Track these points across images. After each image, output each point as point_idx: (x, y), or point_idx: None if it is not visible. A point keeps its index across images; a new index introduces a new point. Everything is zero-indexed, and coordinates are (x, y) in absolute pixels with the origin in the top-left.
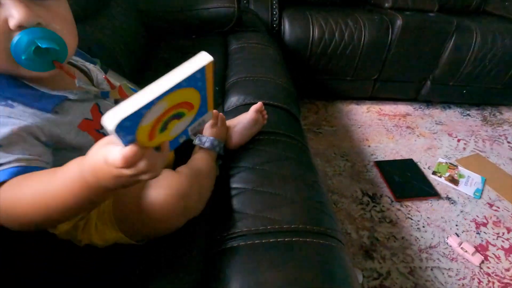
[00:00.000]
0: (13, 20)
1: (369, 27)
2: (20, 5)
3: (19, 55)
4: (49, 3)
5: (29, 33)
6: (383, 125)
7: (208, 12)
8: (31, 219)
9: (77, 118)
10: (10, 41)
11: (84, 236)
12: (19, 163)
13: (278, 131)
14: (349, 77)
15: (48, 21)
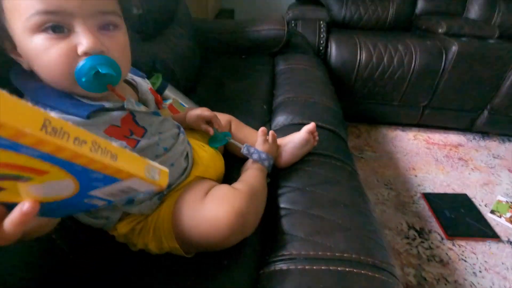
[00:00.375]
0: (82, 47)
1: (421, 53)
2: (89, 34)
3: (80, 77)
4: (112, 33)
5: (92, 60)
6: (432, 155)
7: (258, 34)
8: None
9: (104, 125)
10: (76, 64)
11: (140, 240)
12: None
13: (328, 153)
14: (396, 102)
15: (109, 49)
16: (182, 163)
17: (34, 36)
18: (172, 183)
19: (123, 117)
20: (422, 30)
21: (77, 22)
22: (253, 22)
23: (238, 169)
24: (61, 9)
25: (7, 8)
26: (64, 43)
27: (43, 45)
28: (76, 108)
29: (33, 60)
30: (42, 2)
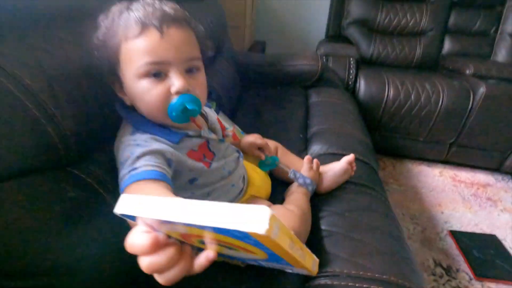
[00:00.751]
0: (174, 88)
1: (448, 92)
2: (180, 77)
3: (172, 112)
4: (195, 75)
5: (182, 98)
6: (458, 193)
7: (294, 68)
8: None
9: (186, 149)
10: (169, 102)
11: None
12: (145, 167)
13: (363, 182)
14: (422, 138)
15: (194, 88)
16: (240, 184)
17: (140, 80)
18: (231, 201)
19: (200, 144)
20: (449, 70)
21: (172, 68)
22: (290, 57)
23: (280, 190)
24: (163, 60)
25: (123, 60)
26: (161, 86)
27: (146, 87)
28: (169, 136)
29: (137, 98)
30: (150, 56)
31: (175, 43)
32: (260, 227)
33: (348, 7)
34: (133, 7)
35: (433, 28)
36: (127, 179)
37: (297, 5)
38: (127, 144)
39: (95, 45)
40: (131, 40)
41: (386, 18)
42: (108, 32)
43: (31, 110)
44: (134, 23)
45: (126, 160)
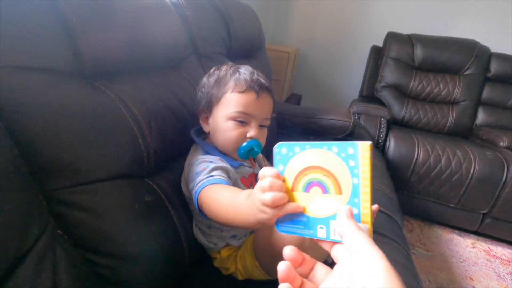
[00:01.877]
0: (249, 134)
1: (480, 161)
2: (256, 128)
3: (241, 149)
4: (263, 128)
5: (252, 142)
6: (493, 269)
7: (327, 121)
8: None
9: (240, 174)
10: (242, 142)
11: (232, 265)
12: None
13: (385, 233)
14: (453, 204)
15: (260, 138)
16: None
17: (228, 121)
18: (249, 232)
19: (250, 173)
20: (481, 140)
21: (253, 120)
22: (324, 111)
23: None
24: (251, 113)
25: (223, 102)
26: (241, 129)
27: (231, 127)
28: (230, 161)
29: (219, 131)
30: (244, 108)
31: (262, 105)
32: (367, 143)
33: (382, 72)
34: (242, 70)
35: (466, 99)
36: (206, 181)
37: (335, 64)
38: (202, 161)
39: (206, 85)
40: (236, 93)
41: (419, 86)
42: (221, 80)
43: (133, 130)
44: (243, 82)
45: (202, 171)
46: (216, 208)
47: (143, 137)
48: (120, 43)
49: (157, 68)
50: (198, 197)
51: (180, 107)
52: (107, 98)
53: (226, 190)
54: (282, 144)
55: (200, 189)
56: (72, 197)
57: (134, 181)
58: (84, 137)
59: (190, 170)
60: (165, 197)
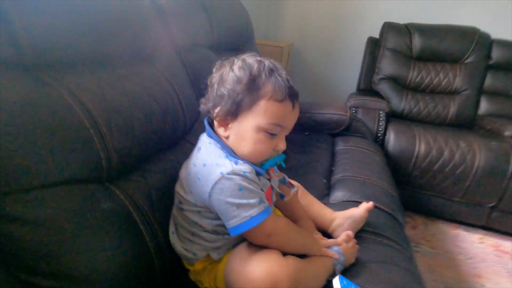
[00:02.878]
0: (278, 148)
1: (485, 152)
2: (283, 141)
3: (267, 162)
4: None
5: (279, 157)
6: (502, 265)
7: (322, 116)
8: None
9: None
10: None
11: (206, 278)
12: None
13: (385, 234)
14: (457, 198)
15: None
16: None
17: (259, 132)
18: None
19: (268, 186)
20: (485, 130)
21: (283, 132)
22: (319, 105)
23: None
24: (285, 126)
25: (255, 110)
26: (271, 142)
27: (261, 139)
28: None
29: (246, 141)
30: (279, 120)
31: (295, 117)
32: None
33: (379, 64)
34: (279, 73)
35: (467, 88)
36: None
37: (330, 58)
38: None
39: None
40: (273, 101)
41: (418, 76)
42: (254, 82)
43: (85, 127)
44: (283, 90)
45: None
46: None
47: (100, 136)
48: (70, 29)
49: (122, 60)
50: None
51: (150, 103)
52: (53, 91)
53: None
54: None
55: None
56: (6, 207)
57: (89, 186)
58: (22, 136)
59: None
60: (130, 202)
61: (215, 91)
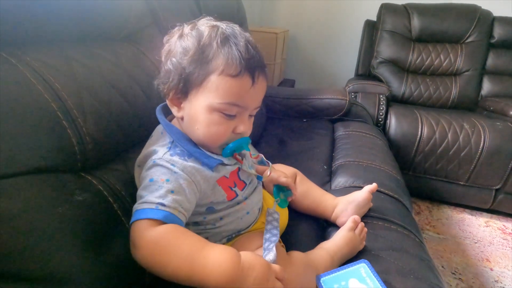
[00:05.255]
0: (239, 130)
1: (490, 133)
2: (245, 122)
3: (228, 149)
4: (251, 119)
5: (242, 141)
6: (510, 247)
7: (321, 101)
8: (166, 268)
9: (219, 175)
10: (228, 138)
11: None
12: (174, 211)
13: (393, 219)
14: (462, 182)
15: (249, 130)
16: (256, 212)
17: (213, 113)
18: (244, 228)
19: (232, 171)
20: (489, 111)
21: (244, 113)
22: (317, 91)
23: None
24: (244, 106)
25: (206, 86)
26: (229, 124)
27: (216, 121)
28: (207, 159)
29: (200, 123)
30: (236, 99)
31: (259, 94)
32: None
33: (378, 48)
34: (236, 41)
35: (470, 68)
36: (150, 209)
37: (327, 44)
38: (164, 165)
39: (179, 54)
40: (226, 77)
41: (418, 58)
42: (203, 53)
43: (55, 112)
44: (237, 62)
45: (160, 186)
46: (166, 258)
47: (71, 119)
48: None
49: (98, 38)
50: (133, 225)
51: (131, 86)
52: (13, 69)
53: (183, 240)
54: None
55: (140, 218)
56: None
57: (61, 176)
58: None
59: (145, 168)
60: (110, 193)
61: (163, 66)
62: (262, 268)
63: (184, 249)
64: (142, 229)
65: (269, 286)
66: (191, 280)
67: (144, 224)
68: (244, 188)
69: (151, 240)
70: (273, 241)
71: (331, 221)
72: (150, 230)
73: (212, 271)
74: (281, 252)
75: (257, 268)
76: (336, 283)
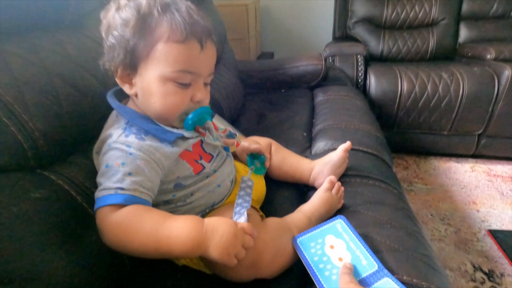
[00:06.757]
0: (197, 98)
1: (468, 79)
2: (202, 90)
3: (188, 120)
4: (207, 87)
5: (202, 110)
6: (495, 188)
7: (297, 69)
8: (133, 247)
9: (180, 149)
10: (186, 108)
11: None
12: (134, 192)
13: (371, 175)
14: (445, 132)
15: (207, 99)
16: (228, 185)
17: (166, 83)
18: (218, 202)
19: (194, 143)
20: (467, 57)
21: (198, 80)
22: (292, 60)
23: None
24: (196, 72)
25: (154, 57)
26: (185, 93)
27: (171, 91)
28: (165, 134)
29: (154, 96)
30: (187, 66)
31: (209, 60)
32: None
33: (352, 7)
34: (176, 7)
35: (446, 17)
36: (111, 197)
37: (301, 11)
38: (119, 148)
39: (119, 26)
40: (173, 43)
41: (393, 13)
42: (145, 22)
43: None
44: (182, 29)
45: (116, 170)
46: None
47: (13, 117)
48: None
49: (40, 28)
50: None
51: (82, 75)
52: None
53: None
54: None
55: (101, 205)
56: None
57: (14, 175)
58: None
59: (101, 154)
60: (72, 187)
61: (105, 43)
62: (227, 226)
63: (146, 225)
64: (104, 215)
65: (237, 242)
66: (159, 252)
67: (106, 211)
68: (211, 161)
69: (113, 223)
70: (245, 207)
71: (310, 185)
72: (112, 215)
73: (176, 239)
74: (255, 219)
75: (222, 228)
76: (313, 241)
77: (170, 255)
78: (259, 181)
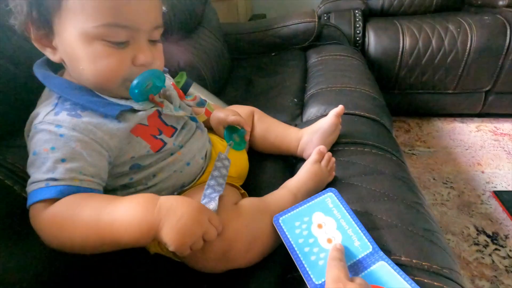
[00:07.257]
0: (140, 61)
1: (477, 30)
2: (146, 48)
3: (134, 89)
4: (157, 45)
5: (149, 74)
6: (501, 147)
7: (287, 28)
8: (75, 243)
9: (132, 124)
10: (128, 74)
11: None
12: (72, 182)
13: (367, 142)
14: (451, 90)
15: (156, 60)
16: (200, 162)
17: (92, 42)
18: (188, 182)
19: (149, 115)
20: (477, 6)
21: (138, 36)
22: (282, 18)
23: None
24: (130, 24)
25: (68, 7)
26: (121, 55)
27: (101, 53)
28: (105, 107)
29: (82, 61)
30: (114, 16)
31: (145, 6)
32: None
33: None
34: None
35: None
36: (40, 189)
37: None
38: (47, 129)
39: None
40: None
41: None
42: None
43: None
44: None
45: (45, 158)
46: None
47: None
48: None
49: None
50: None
51: (7, 38)
52: None
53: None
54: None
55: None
56: None
57: None
58: None
59: (29, 138)
60: (7, 175)
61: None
62: (189, 208)
63: (84, 216)
64: (36, 213)
65: (198, 230)
66: (105, 243)
67: (38, 207)
68: (174, 134)
69: (46, 220)
70: (217, 191)
71: (299, 157)
72: (44, 211)
73: (120, 225)
74: (227, 202)
75: (182, 209)
76: (298, 220)
77: (119, 245)
78: (240, 155)
